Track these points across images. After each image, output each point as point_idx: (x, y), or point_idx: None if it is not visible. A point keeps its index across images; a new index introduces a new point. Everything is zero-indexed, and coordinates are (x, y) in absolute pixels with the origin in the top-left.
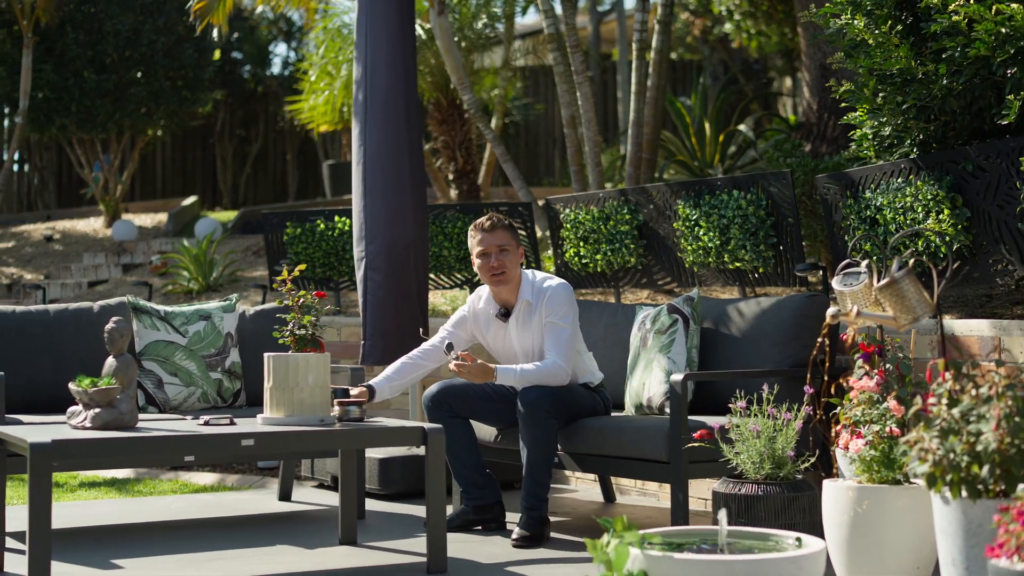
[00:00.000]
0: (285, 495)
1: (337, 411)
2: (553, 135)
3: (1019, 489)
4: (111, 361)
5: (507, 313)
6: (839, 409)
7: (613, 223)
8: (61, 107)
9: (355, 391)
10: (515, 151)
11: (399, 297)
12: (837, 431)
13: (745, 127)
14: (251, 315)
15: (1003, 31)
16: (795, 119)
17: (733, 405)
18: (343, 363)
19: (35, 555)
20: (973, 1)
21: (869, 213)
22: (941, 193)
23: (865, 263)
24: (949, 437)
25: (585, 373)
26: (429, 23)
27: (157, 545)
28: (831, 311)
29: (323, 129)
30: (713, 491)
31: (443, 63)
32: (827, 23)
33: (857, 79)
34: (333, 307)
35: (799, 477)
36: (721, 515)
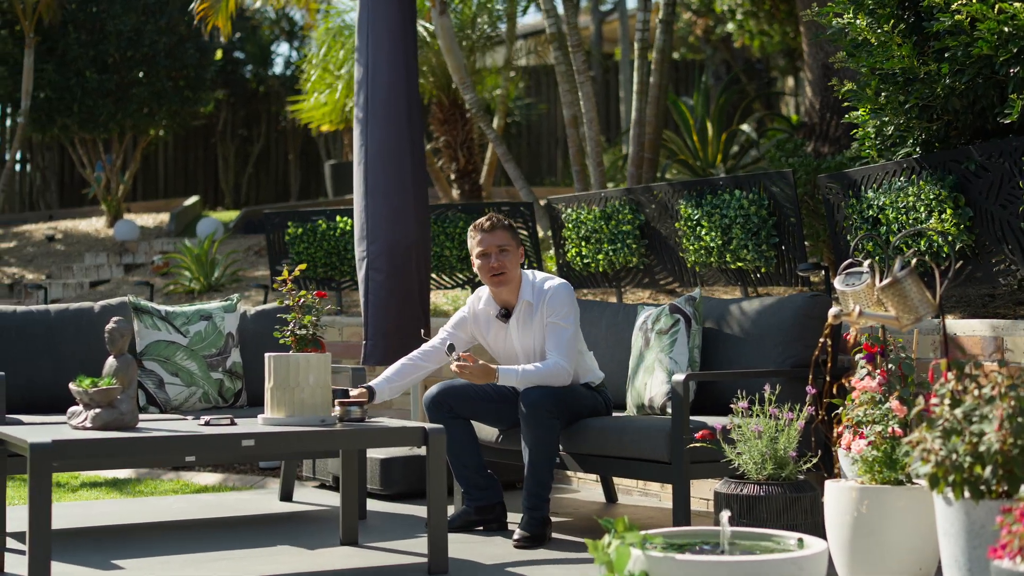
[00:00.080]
0: (286, 495)
1: (338, 411)
2: (555, 135)
3: (1022, 490)
4: (112, 361)
5: (507, 314)
6: (841, 409)
7: (615, 223)
8: (63, 107)
9: (355, 392)
10: (517, 151)
11: (401, 297)
12: (839, 431)
13: (747, 127)
14: (252, 315)
15: (1006, 30)
16: (797, 119)
17: (735, 405)
18: (344, 363)
19: (35, 555)
20: (975, 0)
21: (871, 213)
22: (943, 193)
23: (867, 263)
24: (952, 438)
25: (586, 373)
26: (431, 23)
27: (158, 545)
28: (833, 311)
29: (324, 129)
30: (715, 492)
31: (445, 63)
32: (829, 22)
33: (859, 78)
34: (334, 307)
35: (801, 478)
36: (723, 516)
